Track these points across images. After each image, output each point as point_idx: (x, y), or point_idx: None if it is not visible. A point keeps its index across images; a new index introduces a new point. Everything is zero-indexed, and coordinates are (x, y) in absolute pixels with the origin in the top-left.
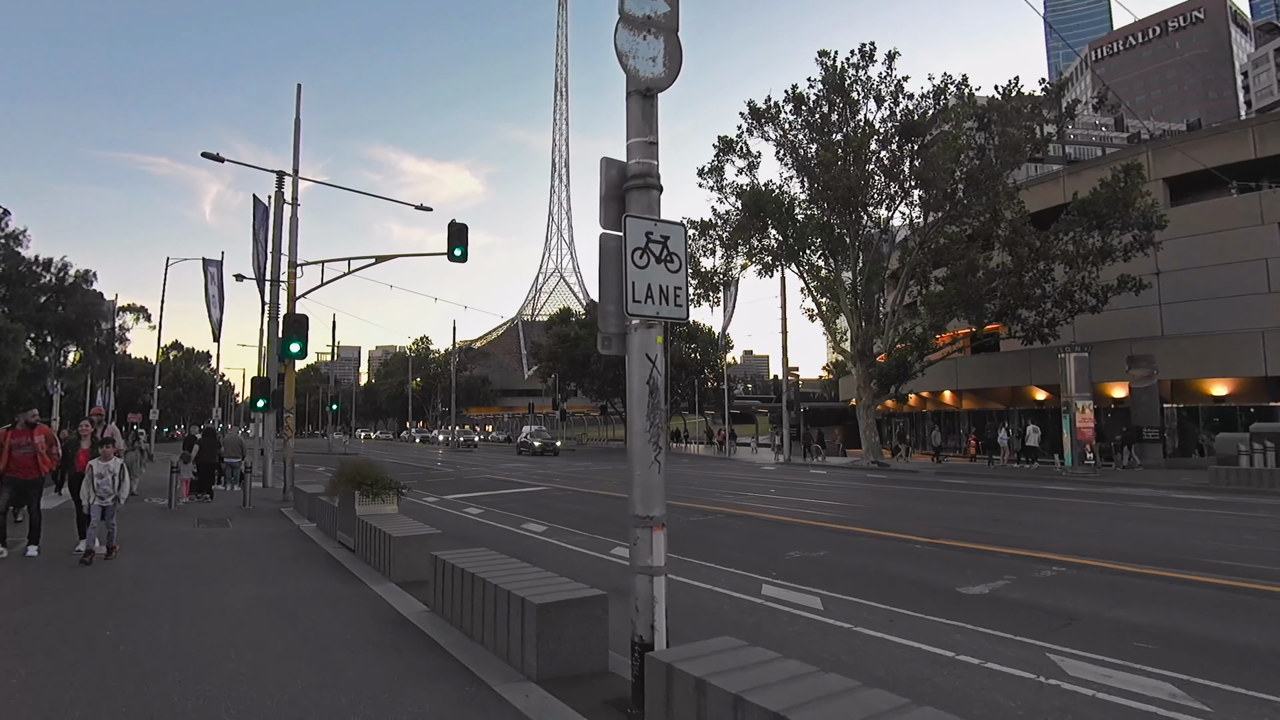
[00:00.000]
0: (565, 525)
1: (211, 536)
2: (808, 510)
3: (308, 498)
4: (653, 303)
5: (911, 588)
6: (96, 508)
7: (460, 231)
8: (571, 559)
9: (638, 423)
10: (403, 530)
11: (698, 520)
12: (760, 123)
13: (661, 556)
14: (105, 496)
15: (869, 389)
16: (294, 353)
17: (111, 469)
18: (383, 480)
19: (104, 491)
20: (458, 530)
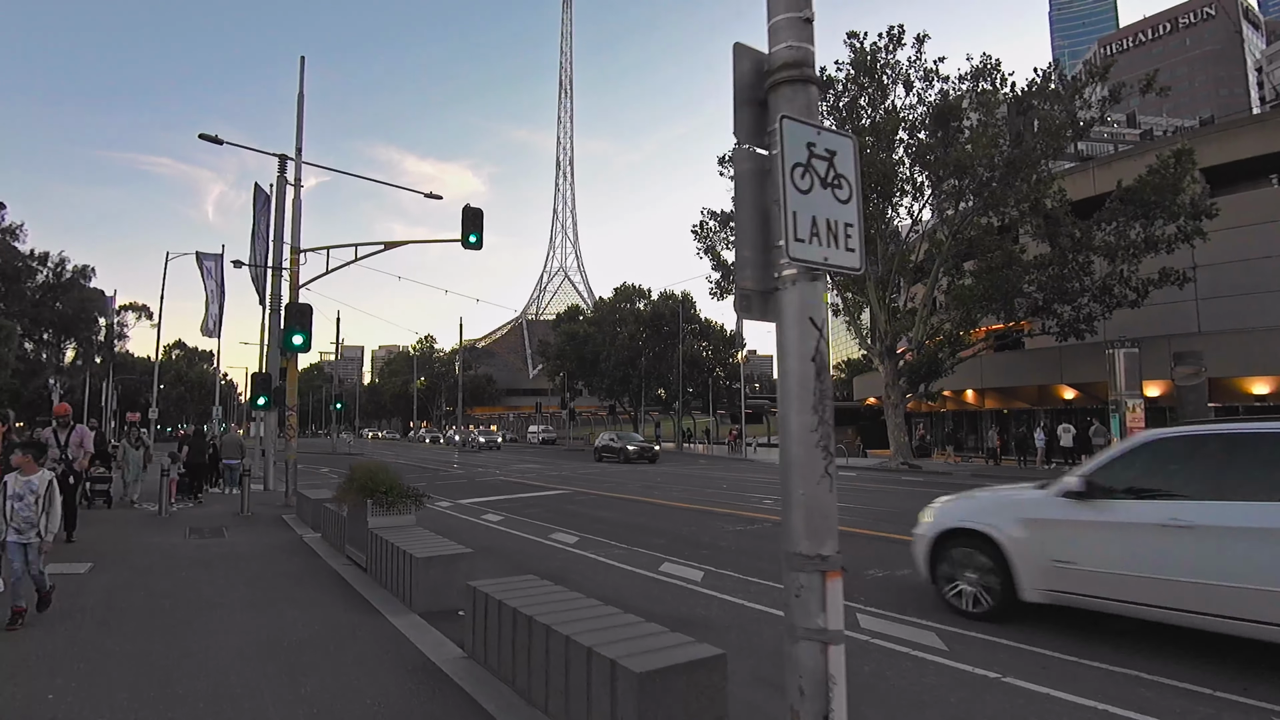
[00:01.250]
0: (599, 536)
1: (203, 551)
2: (859, 518)
3: (312, 504)
4: (818, 243)
5: (1062, 622)
6: (15, 547)
7: (475, 216)
8: (616, 579)
9: (797, 419)
10: (426, 549)
11: (744, 530)
12: None
13: (839, 614)
14: (25, 530)
15: (897, 387)
16: (297, 345)
17: (35, 488)
18: (398, 487)
19: (23, 522)
20: (479, 541)
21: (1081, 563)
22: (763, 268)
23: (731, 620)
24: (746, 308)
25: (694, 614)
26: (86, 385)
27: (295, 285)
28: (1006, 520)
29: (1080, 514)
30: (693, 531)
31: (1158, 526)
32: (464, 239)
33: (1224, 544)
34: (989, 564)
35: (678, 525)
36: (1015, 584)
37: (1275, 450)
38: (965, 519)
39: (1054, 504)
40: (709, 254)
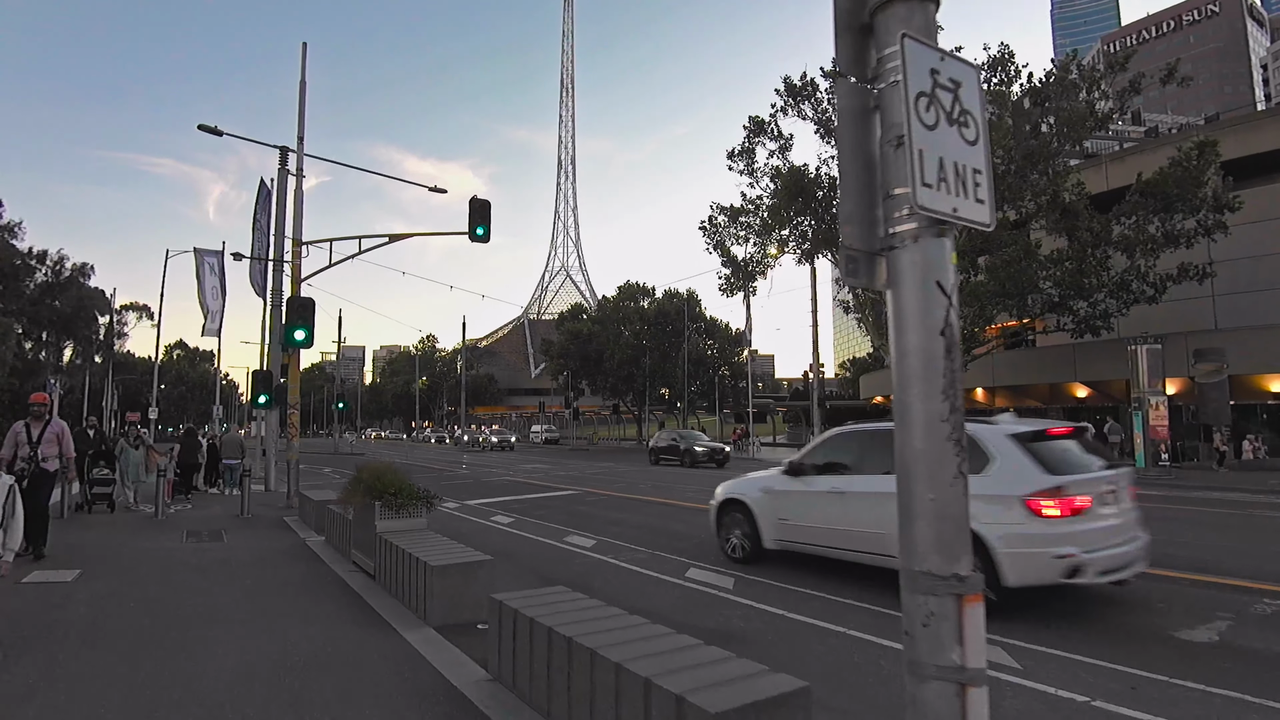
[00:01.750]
0: (616, 539)
1: (200, 556)
2: None
3: (315, 505)
4: (947, 190)
5: (1121, 633)
6: None
7: (482, 208)
8: (641, 586)
9: (923, 406)
10: (441, 555)
11: None
12: (796, 100)
13: (980, 647)
14: None
15: None
16: (299, 340)
17: None
18: (407, 489)
19: None
20: (492, 545)
21: (793, 520)
22: (868, 224)
23: (774, 633)
24: (854, 271)
25: (731, 626)
26: (86, 385)
27: (297, 279)
28: (754, 491)
29: (792, 486)
30: (712, 533)
31: (829, 493)
32: (471, 232)
33: (857, 503)
34: (746, 523)
35: (697, 528)
36: (760, 537)
37: (886, 440)
38: (733, 492)
39: (780, 479)
40: (718, 249)
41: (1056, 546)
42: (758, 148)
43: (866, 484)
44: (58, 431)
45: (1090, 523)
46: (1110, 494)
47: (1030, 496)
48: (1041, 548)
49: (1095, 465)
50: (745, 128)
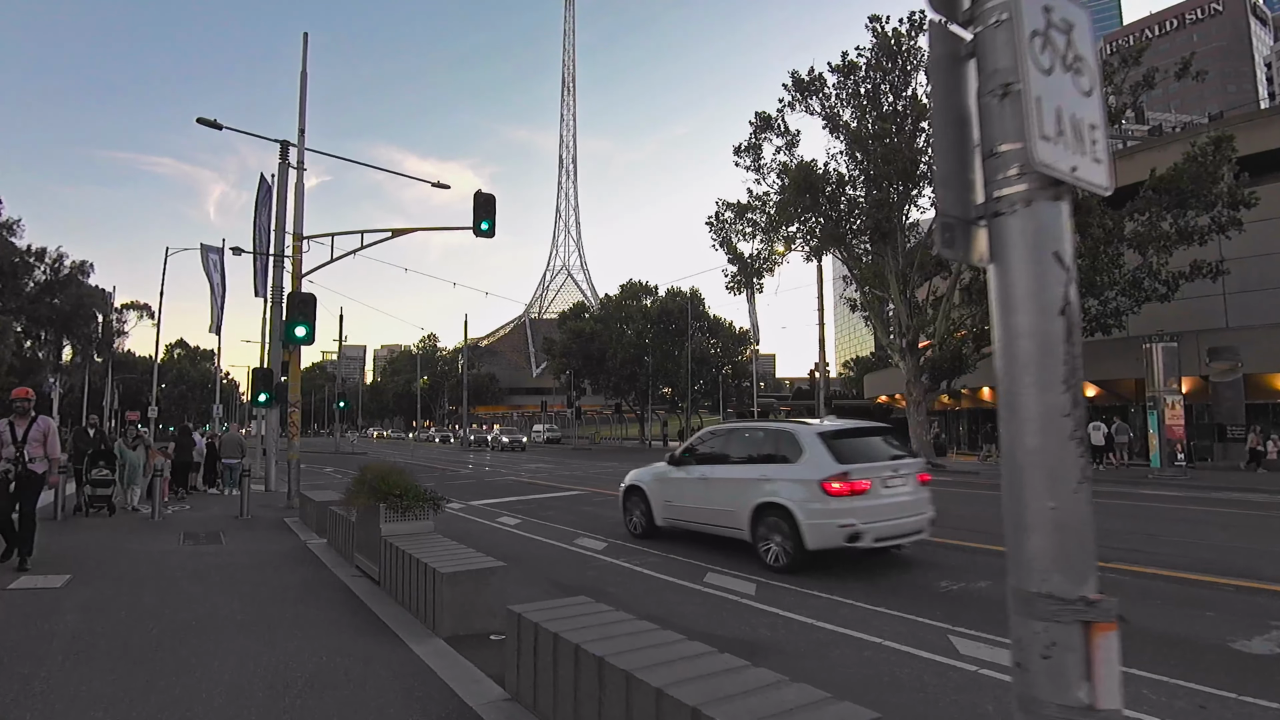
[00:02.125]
0: (628, 542)
1: (197, 560)
2: None
3: (316, 506)
4: (1066, 145)
5: (1164, 643)
6: None
7: (487, 203)
8: (660, 593)
9: (1039, 398)
10: (451, 561)
11: None
12: (804, 95)
13: (1115, 684)
14: None
15: (919, 384)
16: (299, 337)
17: None
18: (413, 490)
19: None
20: (500, 548)
21: (674, 501)
22: (965, 189)
23: (807, 644)
24: (950, 242)
25: (759, 636)
26: (86, 384)
27: (298, 274)
28: (649, 478)
29: (674, 474)
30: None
31: (698, 479)
32: (475, 226)
33: (718, 487)
34: (642, 504)
35: None
36: (653, 516)
37: (738, 436)
38: (634, 479)
39: (667, 469)
40: (724, 246)
41: (840, 519)
42: (764, 143)
43: (725, 472)
44: (45, 430)
45: (869, 501)
46: (892, 479)
47: (824, 480)
48: (829, 519)
49: (884, 456)
50: (751, 123)
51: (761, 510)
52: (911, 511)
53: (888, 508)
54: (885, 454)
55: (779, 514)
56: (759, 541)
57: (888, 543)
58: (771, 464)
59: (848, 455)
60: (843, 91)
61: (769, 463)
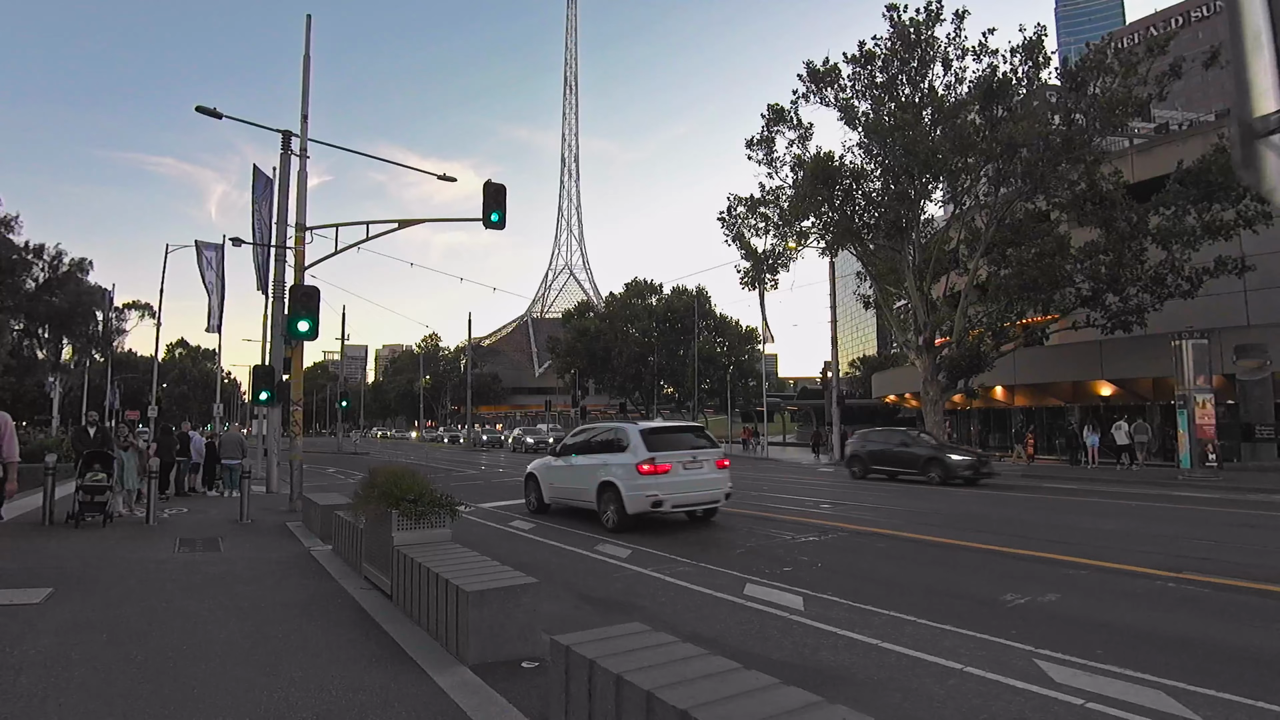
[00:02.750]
0: (653, 549)
1: (192, 570)
2: (942, 526)
3: (320, 510)
4: None
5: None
6: None
7: (498, 193)
8: (701, 608)
9: None
10: (475, 577)
11: (819, 541)
12: (819, 86)
13: None
14: None
15: (935, 382)
16: (302, 332)
17: None
18: (428, 494)
19: None
20: (518, 557)
21: (556, 484)
22: None
23: (875, 670)
24: (1249, 162)
25: (821, 660)
26: (85, 383)
27: (300, 266)
28: (540, 467)
29: (556, 463)
30: (758, 542)
31: (567, 466)
32: (485, 218)
33: (579, 472)
34: (536, 489)
35: (733, 534)
36: (543, 497)
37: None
38: (531, 468)
39: (551, 460)
40: (737, 241)
41: (647, 491)
42: (777, 136)
43: (584, 460)
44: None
45: (670, 478)
46: (691, 464)
47: (638, 464)
48: (640, 491)
49: (687, 447)
50: (763, 116)
51: (602, 487)
52: (708, 487)
53: (685, 484)
54: (688, 445)
55: (611, 489)
56: (602, 510)
57: (684, 509)
58: (610, 453)
59: (658, 446)
60: (858, 83)
61: (609, 452)
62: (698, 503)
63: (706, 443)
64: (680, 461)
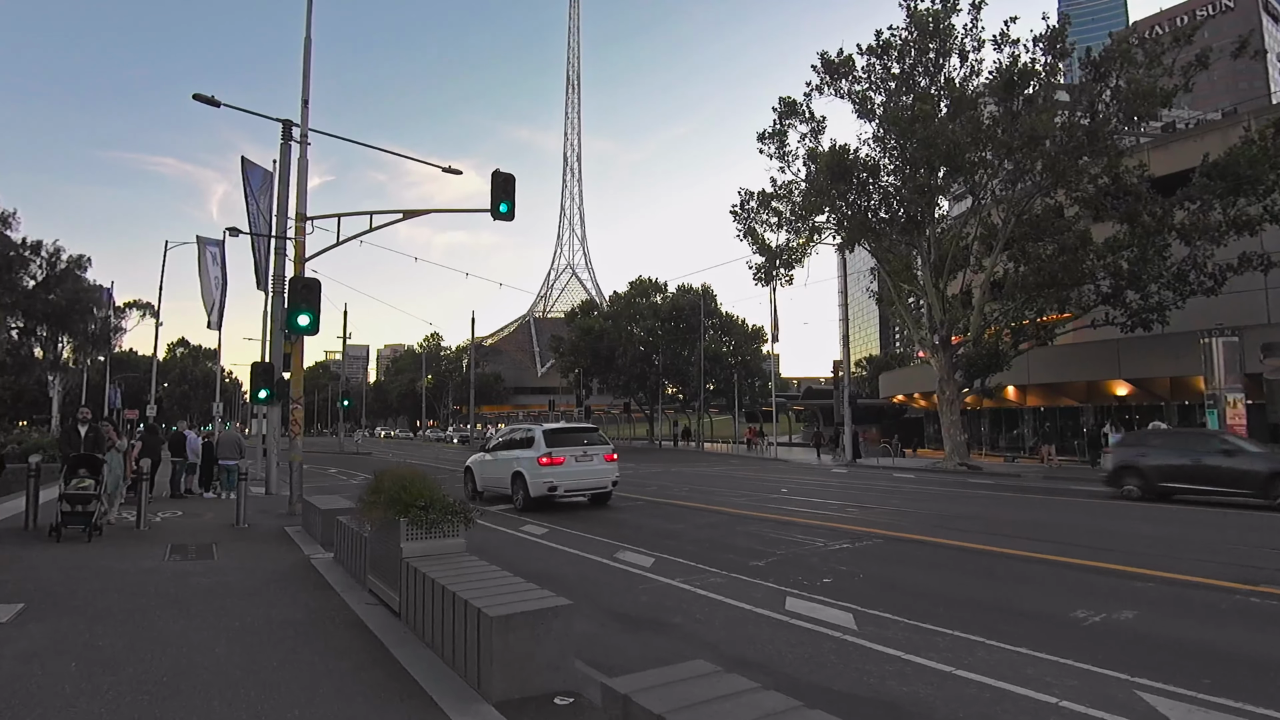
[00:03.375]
0: (676, 555)
1: (182, 582)
2: (978, 532)
3: (321, 515)
4: None
5: None
6: None
7: (506, 183)
8: (743, 625)
9: None
10: (497, 597)
11: (852, 549)
12: (834, 78)
13: None
14: None
15: (952, 381)
16: (302, 326)
17: None
18: (440, 500)
19: None
20: (532, 566)
21: (485, 475)
22: None
23: (960, 706)
24: None
25: (890, 692)
26: (84, 382)
27: (300, 258)
28: (475, 462)
29: (486, 458)
30: (788, 550)
31: (493, 460)
32: (494, 208)
33: (501, 464)
34: (472, 480)
35: (760, 540)
36: (477, 487)
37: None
38: (468, 463)
39: (483, 455)
40: (749, 236)
41: (545, 479)
42: (789, 130)
43: (504, 455)
44: None
45: (564, 469)
46: (582, 458)
47: (541, 456)
48: (540, 480)
49: (579, 443)
50: (775, 109)
51: (514, 476)
52: (597, 476)
53: (576, 474)
54: (581, 442)
55: (520, 478)
56: (514, 494)
57: (575, 495)
58: (522, 449)
59: (556, 443)
60: (873, 74)
61: (521, 448)
62: (587, 489)
63: (597, 440)
64: (574, 455)
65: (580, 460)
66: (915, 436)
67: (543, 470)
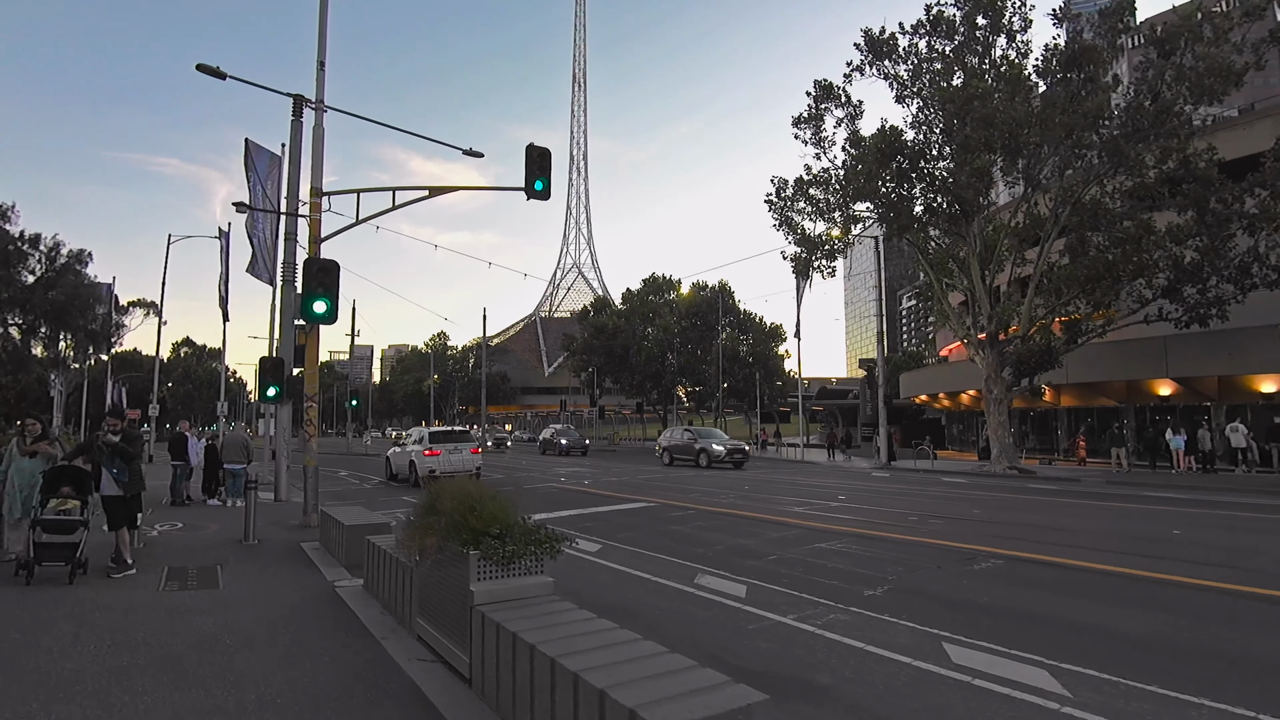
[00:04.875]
0: (770, 582)
1: (178, 625)
2: (1103, 550)
3: (345, 532)
4: None
5: None
6: None
7: (542, 158)
8: (915, 689)
9: None
10: (648, 689)
11: (978, 570)
12: (877, 56)
13: None
14: None
15: (1000, 380)
16: (319, 314)
17: None
18: (518, 526)
19: None
20: (596, 591)
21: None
22: None
23: None
24: None
25: None
26: (85, 380)
27: (316, 237)
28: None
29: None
30: (898, 574)
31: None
32: (528, 185)
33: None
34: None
35: (857, 561)
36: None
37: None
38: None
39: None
40: (785, 225)
41: (428, 466)
42: (825, 114)
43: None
44: None
45: (440, 459)
46: (453, 452)
47: (426, 449)
48: (426, 465)
49: (451, 441)
50: (810, 93)
51: (409, 463)
52: (464, 464)
53: (449, 461)
54: (454, 440)
55: (414, 464)
56: (410, 475)
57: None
58: (416, 445)
59: (436, 440)
60: (915, 54)
61: (416, 444)
62: (457, 471)
63: (466, 440)
64: (448, 449)
65: (452, 453)
66: (933, 437)
67: (426, 459)
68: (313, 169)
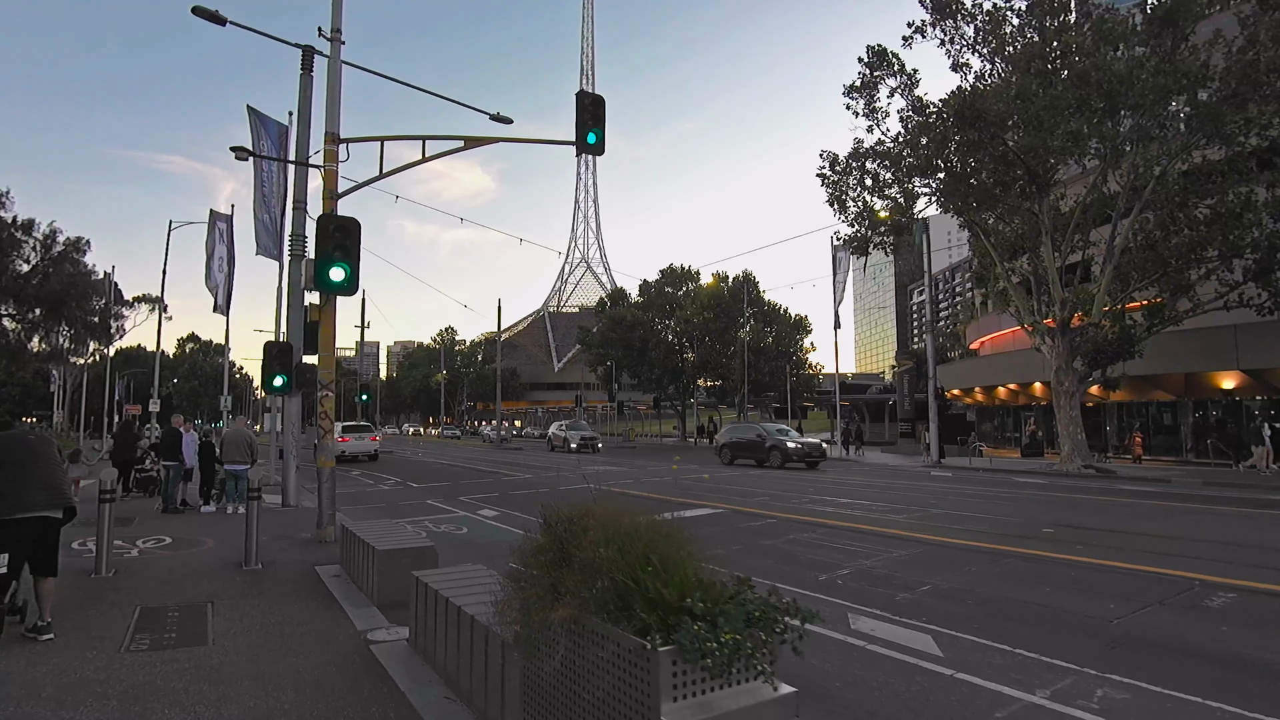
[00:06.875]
0: (942, 625)
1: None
2: (1229, 562)
3: (379, 559)
4: None
5: None
6: None
7: (595, 106)
8: None
9: None
10: None
11: (1222, 611)
12: (942, 16)
13: None
14: None
15: (1071, 371)
16: (336, 282)
17: None
18: (720, 593)
19: None
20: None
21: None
22: None
23: None
24: None
25: None
26: (85, 375)
27: (333, 192)
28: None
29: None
30: (1119, 613)
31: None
32: (580, 139)
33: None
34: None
35: (1043, 591)
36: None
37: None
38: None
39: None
40: (837, 204)
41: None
42: (879, 84)
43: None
44: None
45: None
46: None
47: (339, 437)
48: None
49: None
50: (862, 59)
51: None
52: (366, 448)
53: (354, 445)
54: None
55: None
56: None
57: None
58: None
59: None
60: (979, 15)
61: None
62: (361, 454)
63: (366, 430)
64: (354, 437)
65: (355, 440)
66: (961, 434)
67: (339, 444)
68: (328, 112)
